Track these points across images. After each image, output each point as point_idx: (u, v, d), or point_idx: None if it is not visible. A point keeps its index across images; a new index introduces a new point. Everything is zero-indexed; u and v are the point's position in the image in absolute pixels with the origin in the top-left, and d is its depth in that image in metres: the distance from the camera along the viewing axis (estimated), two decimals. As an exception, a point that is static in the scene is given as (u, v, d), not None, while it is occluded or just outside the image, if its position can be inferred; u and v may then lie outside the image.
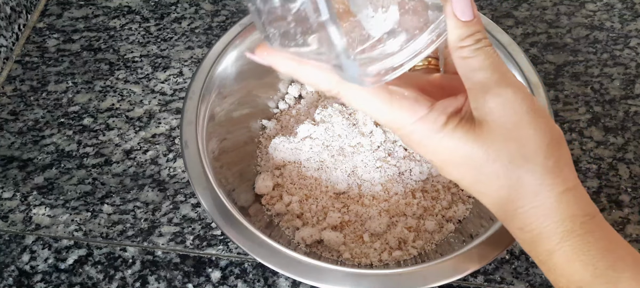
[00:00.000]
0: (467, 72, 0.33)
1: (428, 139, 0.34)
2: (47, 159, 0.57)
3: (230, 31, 0.54)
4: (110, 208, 0.54)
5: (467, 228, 0.49)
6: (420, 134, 0.34)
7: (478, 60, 0.33)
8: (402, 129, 0.34)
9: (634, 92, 0.62)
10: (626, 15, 0.68)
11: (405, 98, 0.34)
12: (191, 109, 0.50)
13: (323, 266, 0.42)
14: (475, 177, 0.34)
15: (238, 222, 0.44)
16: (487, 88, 0.33)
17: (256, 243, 0.43)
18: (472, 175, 0.34)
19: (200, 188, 0.46)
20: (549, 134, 0.33)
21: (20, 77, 0.63)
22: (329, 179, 0.51)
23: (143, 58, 0.64)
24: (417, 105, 0.34)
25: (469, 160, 0.34)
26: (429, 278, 0.41)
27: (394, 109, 0.34)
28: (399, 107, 0.34)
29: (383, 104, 0.34)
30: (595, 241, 0.33)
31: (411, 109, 0.34)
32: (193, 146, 0.48)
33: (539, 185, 0.33)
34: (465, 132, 0.33)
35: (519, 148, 0.33)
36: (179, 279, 0.50)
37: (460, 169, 0.34)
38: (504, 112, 0.32)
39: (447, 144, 0.34)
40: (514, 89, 0.33)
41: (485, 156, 0.33)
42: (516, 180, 0.33)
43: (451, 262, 0.42)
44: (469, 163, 0.34)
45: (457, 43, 0.33)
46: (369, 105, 0.34)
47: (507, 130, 0.33)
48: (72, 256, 0.51)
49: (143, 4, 0.69)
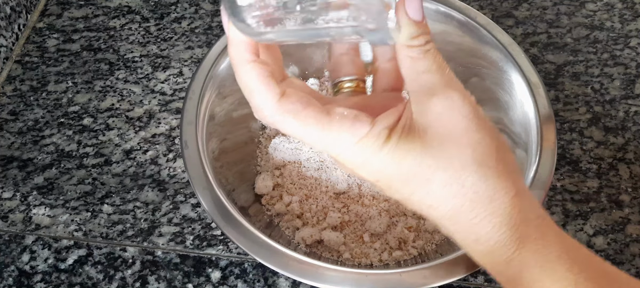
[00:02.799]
0: (413, 74, 0.32)
1: (372, 158, 0.32)
2: (47, 159, 0.57)
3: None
4: (110, 208, 0.54)
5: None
6: (364, 155, 0.32)
7: (426, 63, 0.31)
8: (343, 153, 0.32)
9: (634, 92, 0.62)
10: (626, 15, 0.68)
11: (344, 118, 0.32)
12: (191, 109, 0.50)
13: (323, 266, 0.42)
14: (425, 190, 0.32)
15: (238, 222, 0.44)
16: (434, 91, 0.31)
17: (256, 243, 0.43)
18: (421, 189, 0.32)
19: (200, 188, 0.46)
20: (496, 138, 0.32)
21: (20, 77, 0.63)
22: (329, 179, 0.51)
23: (143, 58, 0.64)
24: (357, 124, 0.31)
25: (417, 172, 0.31)
26: (429, 278, 0.41)
27: (333, 131, 0.31)
28: (339, 128, 0.31)
29: (322, 128, 0.32)
30: (550, 244, 0.32)
31: (352, 128, 0.31)
32: (193, 146, 0.48)
33: (493, 191, 0.31)
34: (410, 142, 0.31)
35: (471, 154, 0.31)
36: (179, 279, 0.50)
37: (408, 185, 0.32)
38: (452, 116, 0.31)
39: (392, 159, 0.31)
40: (461, 93, 0.31)
41: (436, 164, 0.31)
42: (470, 187, 0.31)
43: (451, 262, 0.42)
44: (418, 175, 0.32)
45: (407, 41, 0.31)
46: (307, 131, 0.32)
47: (457, 136, 0.31)
48: (72, 256, 0.51)
49: (143, 4, 0.69)
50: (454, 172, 0.31)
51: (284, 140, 0.53)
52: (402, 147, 0.31)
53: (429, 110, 0.31)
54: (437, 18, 0.55)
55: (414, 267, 0.43)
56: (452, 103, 0.31)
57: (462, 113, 0.31)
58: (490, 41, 0.53)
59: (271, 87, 0.32)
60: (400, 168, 0.32)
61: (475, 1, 0.70)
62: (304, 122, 0.32)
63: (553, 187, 0.54)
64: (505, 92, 0.52)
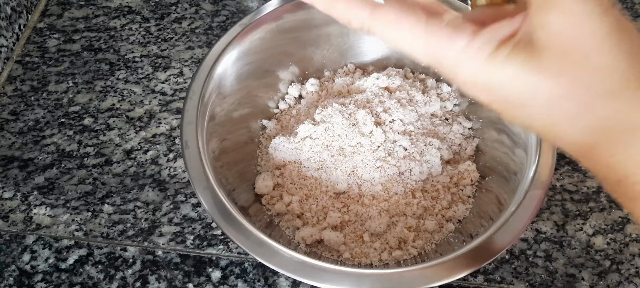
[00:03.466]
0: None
1: (477, 75, 0.27)
2: (48, 159, 0.57)
3: (231, 31, 0.54)
4: (111, 208, 0.54)
5: (467, 228, 0.49)
6: (466, 69, 0.28)
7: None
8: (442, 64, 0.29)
9: (634, 92, 0.62)
10: (626, 15, 0.68)
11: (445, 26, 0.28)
12: (191, 108, 0.50)
13: (323, 266, 0.42)
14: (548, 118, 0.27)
15: (238, 222, 0.44)
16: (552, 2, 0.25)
17: (256, 243, 0.43)
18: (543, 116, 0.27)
19: (200, 188, 0.46)
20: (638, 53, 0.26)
21: (21, 77, 0.63)
22: (329, 179, 0.51)
23: (143, 58, 0.65)
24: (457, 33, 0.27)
25: (534, 97, 0.27)
26: (429, 278, 0.41)
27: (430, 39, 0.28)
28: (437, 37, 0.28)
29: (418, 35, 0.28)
30: None
31: (450, 37, 0.28)
32: (193, 146, 0.48)
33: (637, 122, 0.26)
34: (524, 60, 0.26)
35: (604, 80, 0.26)
36: (179, 279, 0.50)
37: (527, 109, 0.28)
38: (579, 32, 0.25)
39: (500, 78, 0.27)
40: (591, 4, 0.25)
41: (558, 90, 0.26)
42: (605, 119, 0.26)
43: (451, 262, 0.42)
44: (536, 100, 0.27)
45: None
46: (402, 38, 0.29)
47: (585, 57, 0.25)
48: (72, 256, 0.51)
49: (143, 4, 0.70)
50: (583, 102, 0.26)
51: (284, 140, 0.53)
52: (512, 64, 0.27)
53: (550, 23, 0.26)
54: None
55: (414, 267, 0.43)
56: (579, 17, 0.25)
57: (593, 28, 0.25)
58: None
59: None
60: (511, 90, 0.27)
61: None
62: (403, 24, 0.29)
63: (553, 187, 0.54)
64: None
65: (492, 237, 0.43)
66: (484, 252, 0.42)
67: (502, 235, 0.43)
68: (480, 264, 0.42)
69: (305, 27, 0.57)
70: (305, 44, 0.58)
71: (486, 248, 0.43)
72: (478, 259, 0.42)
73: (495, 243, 0.43)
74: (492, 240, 0.43)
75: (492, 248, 0.43)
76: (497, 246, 0.43)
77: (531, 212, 0.43)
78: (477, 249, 0.43)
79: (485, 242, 0.43)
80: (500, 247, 0.43)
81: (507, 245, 0.43)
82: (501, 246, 0.43)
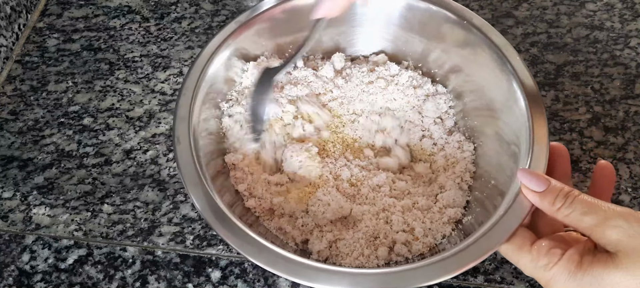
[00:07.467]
0: (576, 222, 0.38)
1: (570, 282, 0.37)
2: (47, 159, 0.57)
3: (226, 28, 0.54)
4: (110, 208, 0.54)
5: (467, 228, 0.49)
6: (560, 279, 0.37)
7: (578, 211, 0.37)
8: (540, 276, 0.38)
9: (634, 92, 0.62)
10: (626, 15, 0.68)
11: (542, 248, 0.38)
12: (184, 105, 0.49)
13: (322, 266, 0.42)
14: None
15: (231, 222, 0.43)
16: (601, 225, 0.36)
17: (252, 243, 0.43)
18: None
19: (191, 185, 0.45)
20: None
21: (20, 77, 0.63)
22: (329, 179, 0.51)
23: (143, 58, 0.64)
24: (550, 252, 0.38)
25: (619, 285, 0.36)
26: (429, 277, 0.41)
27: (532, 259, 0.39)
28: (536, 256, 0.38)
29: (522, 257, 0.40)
30: None
31: (546, 256, 0.38)
32: (185, 142, 0.47)
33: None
34: (604, 264, 0.36)
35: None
36: (179, 279, 0.50)
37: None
38: (631, 236, 0.35)
39: (589, 281, 0.36)
40: (625, 217, 0.36)
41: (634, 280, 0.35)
42: None
43: (451, 262, 0.42)
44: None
45: (551, 208, 0.39)
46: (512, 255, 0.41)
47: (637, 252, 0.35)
48: (72, 256, 0.51)
49: (143, 3, 0.70)
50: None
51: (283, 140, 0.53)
52: (597, 269, 0.36)
53: (609, 238, 0.36)
54: (433, 19, 0.55)
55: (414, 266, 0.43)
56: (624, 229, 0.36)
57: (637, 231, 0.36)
58: (486, 43, 0.52)
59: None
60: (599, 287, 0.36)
61: (475, 1, 0.70)
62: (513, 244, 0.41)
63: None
64: (500, 94, 0.51)
65: (491, 235, 0.43)
66: (483, 251, 0.42)
67: (502, 234, 0.43)
68: (478, 260, 0.42)
69: (298, 28, 0.56)
70: (298, 41, 0.58)
71: (485, 247, 0.42)
72: (477, 258, 0.42)
73: (495, 243, 0.43)
74: (492, 239, 0.43)
75: (491, 248, 0.42)
76: (497, 245, 0.42)
77: (522, 214, 0.43)
78: (476, 248, 0.42)
79: (484, 241, 0.43)
80: (494, 245, 0.42)
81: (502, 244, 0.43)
82: (500, 245, 0.43)
